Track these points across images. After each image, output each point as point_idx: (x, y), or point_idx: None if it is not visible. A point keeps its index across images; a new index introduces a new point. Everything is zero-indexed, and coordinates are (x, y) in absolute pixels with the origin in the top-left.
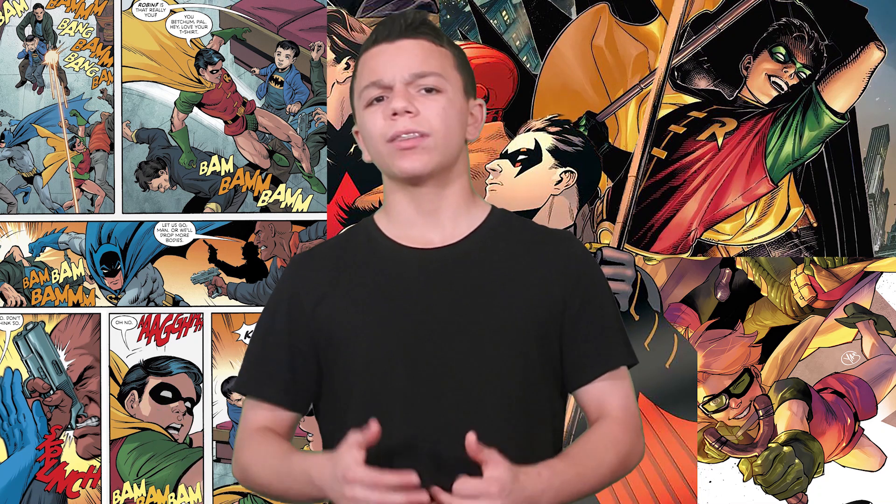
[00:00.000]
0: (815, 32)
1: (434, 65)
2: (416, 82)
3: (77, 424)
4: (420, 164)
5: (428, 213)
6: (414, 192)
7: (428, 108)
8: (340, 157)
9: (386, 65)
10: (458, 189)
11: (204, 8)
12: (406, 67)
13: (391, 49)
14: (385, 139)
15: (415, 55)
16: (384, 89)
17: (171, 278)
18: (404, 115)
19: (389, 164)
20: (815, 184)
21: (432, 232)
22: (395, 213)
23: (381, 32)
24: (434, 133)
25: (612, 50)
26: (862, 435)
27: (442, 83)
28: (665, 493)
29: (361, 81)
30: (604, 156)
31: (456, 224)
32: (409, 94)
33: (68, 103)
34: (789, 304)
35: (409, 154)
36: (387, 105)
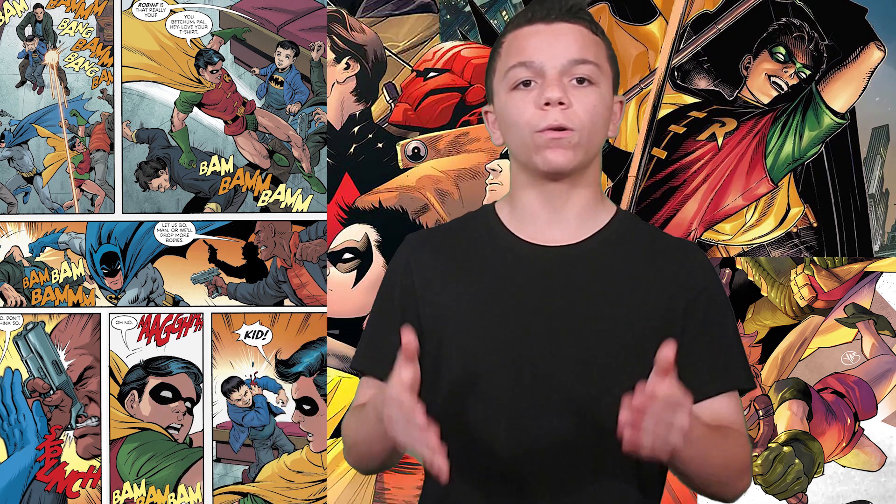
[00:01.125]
0: (815, 32)
1: (591, 54)
2: (571, 70)
3: (77, 424)
4: (564, 159)
5: (555, 209)
6: (545, 187)
7: (580, 102)
8: (340, 157)
9: (541, 46)
10: (589, 188)
11: (204, 8)
12: (564, 53)
13: (548, 31)
14: (534, 130)
15: (573, 40)
16: (536, 73)
17: (171, 278)
18: (556, 106)
19: (533, 155)
20: (815, 184)
21: (556, 230)
22: (519, 206)
23: (537, 11)
24: (581, 129)
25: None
26: (862, 435)
27: (597, 75)
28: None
29: (509, 60)
30: (604, 156)
31: (581, 224)
32: (563, 84)
33: (68, 103)
34: (789, 304)
35: (553, 148)
36: (538, 92)
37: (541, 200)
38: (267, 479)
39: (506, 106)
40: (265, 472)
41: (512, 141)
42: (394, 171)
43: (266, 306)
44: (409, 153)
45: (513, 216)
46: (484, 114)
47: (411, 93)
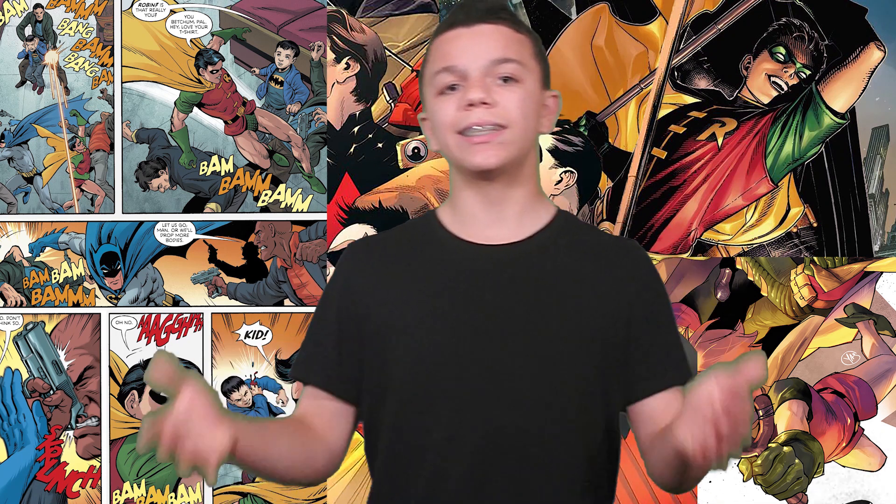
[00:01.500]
0: (815, 32)
1: (513, 52)
2: (494, 70)
3: (77, 424)
4: (495, 158)
5: (494, 209)
6: (482, 188)
7: (506, 99)
8: (340, 157)
9: (462, 50)
10: (527, 186)
11: (204, 8)
12: (484, 54)
13: (468, 33)
14: (455, 130)
15: (494, 41)
16: (459, 77)
17: (171, 278)
18: (480, 106)
19: (459, 158)
20: (815, 184)
21: (496, 229)
22: (459, 208)
23: (457, 16)
24: (511, 125)
25: (612, 50)
26: (862, 435)
27: (521, 72)
28: (665, 494)
29: (433, 66)
30: (604, 156)
31: (521, 223)
32: (486, 84)
33: (68, 103)
34: (789, 304)
35: (482, 148)
36: (462, 94)
37: (479, 200)
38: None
39: (433, 111)
40: None
41: (443, 145)
42: (394, 171)
43: (266, 306)
44: (409, 153)
45: (454, 218)
46: (420, 121)
47: (411, 93)
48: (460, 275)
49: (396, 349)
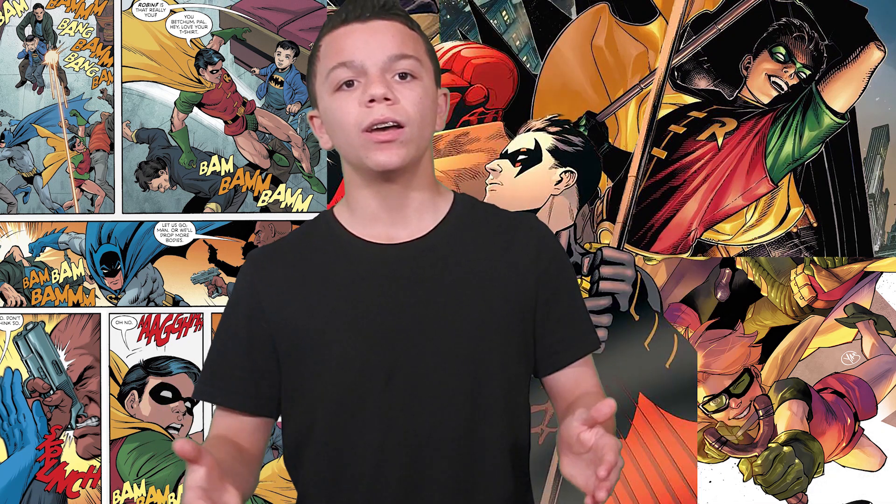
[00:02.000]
0: (815, 32)
1: (410, 48)
2: (392, 66)
3: (77, 424)
4: (398, 158)
5: (394, 208)
6: (380, 188)
7: (405, 97)
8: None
9: (358, 45)
10: (424, 182)
11: (204, 8)
12: (382, 49)
13: (364, 29)
14: (360, 128)
15: (391, 36)
16: (357, 72)
17: (171, 278)
18: (382, 102)
19: (362, 157)
20: (815, 184)
21: (398, 227)
22: (358, 209)
23: (350, 11)
24: (410, 123)
25: (612, 50)
26: (862, 435)
27: (418, 69)
28: (665, 493)
29: (327, 62)
30: (604, 156)
31: (421, 218)
32: (386, 80)
33: (68, 103)
34: (789, 304)
35: (385, 147)
36: (362, 91)
37: (378, 201)
38: (267, 479)
39: (330, 108)
40: (265, 472)
41: (340, 143)
42: None
43: None
44: None
45: (353, 219)
46: (309, 119)
47: None
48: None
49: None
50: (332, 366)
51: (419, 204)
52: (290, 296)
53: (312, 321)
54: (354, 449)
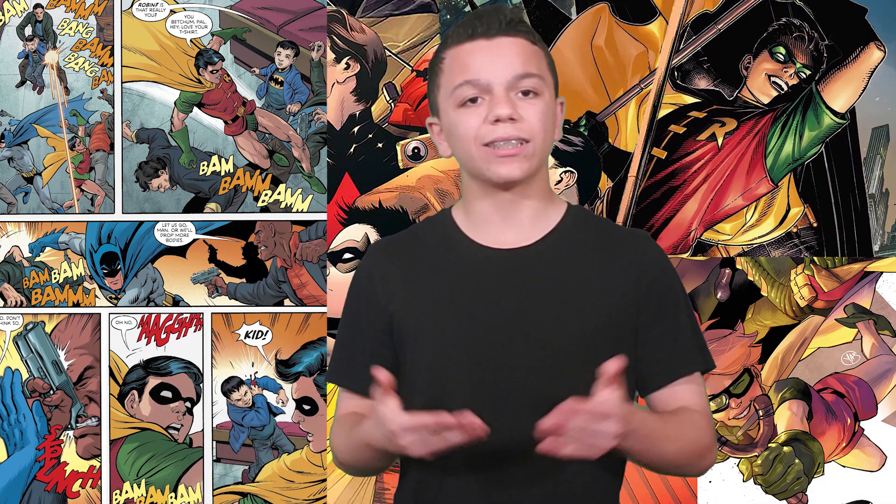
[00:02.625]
0: (815, 32)
1: (534, 66)
2: (516, 85)
3: (77, 424)
4: (519, 171)
5: (508, 215)
6: (496, 196)
7: (529, 114)
8: (340, 157)
9: (484, 63)
10: (539, 190)
11: (204, 8)
12: (508, 69)
13: (489, 46)
14: (482, 143)
15: (516, 55)
16: (482, 90)
17: (171, 278)
18: (507, 121)
19: (483, 169)
20: (815, 184)
21: (510, 233)
22: (474, 212)
23: (476, 27)
24: (534, 139)
25: (612, 50)
26: (862, 435)
27: (541, 86)
28: (665, 493)
29: (453, 77)
30: (604, 156)
31: (533, 225)
32: (511, 99)
33: (68, 103)
34: (789, 304)
35: (507, 161)
36: (487, 108)
37: (493, 207)
38: (267, 479)
39: (455, 123)
40: (265, 472)
41: (462, 155)
42: (394, 171)
43: (266, 306)
44: (409, 153)
45: (468, 221)
46: (429, 126)
47: (411, 93)
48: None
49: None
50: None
51: (532, 212)
52: (401, 287)
53: (415, 314)
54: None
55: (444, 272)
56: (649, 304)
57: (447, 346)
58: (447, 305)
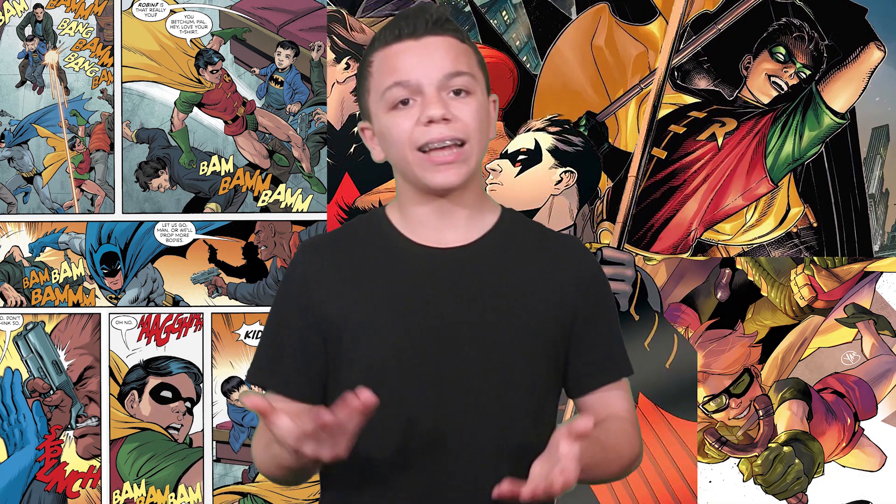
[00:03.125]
0: (815, 32)
1: (464, 64)
2: (447, 84)
3: (77, 424)
4: (456, 178)
5: (444, 217)
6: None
7: (462, 113)
8: (340, 157)
9: (414, 64)
10: (474, 190)
11: (204, 8)
12: (438, 68)
13: (418, 46)
14: (415, 147)
15: (445, 53)
16: (412, 91)
17: (171, 278)
18: (441, 122)
19: (419, 176)
20: (815, 184)
21: (447, 232)
22: (410, 214)
23: (403, 28)
24: (470, 139)
25: (612, 50)
26: (862, 435)
27: (472, 84)
28: (665, 493)
29: (383, 80)
30: (604, 156)
31: (470, 225)
32: (443, 99)
33: (68, 103)
34: (789, 304)
35: (444, 169)
36: (419, 110)
37: (429, 211)
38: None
39: (387, 127)
40: None
41: (396, 159)
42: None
43: (266, 306)
44: None
45: (404, 220)
46: (360, 130)
47: None
48: (413, 278)
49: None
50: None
51: (469, 210)
52: (336, 287)
53: (352, 313)
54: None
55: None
56: (584, 309)
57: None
58: (385, 304)
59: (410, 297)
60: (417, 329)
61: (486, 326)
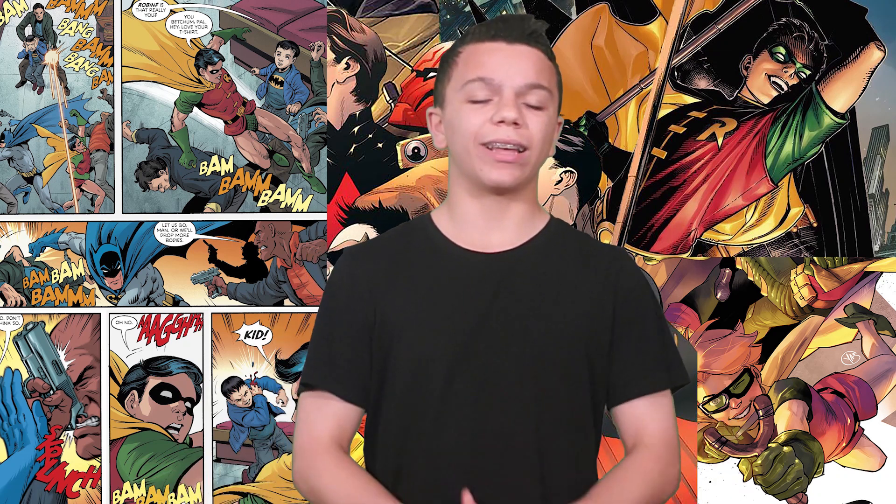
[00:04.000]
0: (815, 32)
1: (546, 79)
2: (526, 93)
3: (77, 424)
4: (511, 178)
5: (494, 219)
6: (484, 199)
7: (532, 123)
8: (340, 157)
9: (500, 65)
10: (526, 199)
11: (204, 8)
12: (522, 75)
13: (509, 50)
14: (480, 141)
15: (532, 64)
16: (493, 90)
17: (171, 278)
18: (511, 125)
19: (476, 169)
20: (815, 184)
21: (493, 236)
22: (458, 214)
23: (500, 29)
24: (532, 149)
25: (612, 50)
26: (862, 435)
27: (548, 100)
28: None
29: (468, 73)
30: (604, 156)
31: (518, 231)
32: (519, 106)
33: (68, 103)
34: (789, 304)
35: (503, 167)
36: (493, 109)
37: (479, 210)
38: (267, 479)
39: (458, 116)
40: (265, 472)
41: (458, 150)
42: (394, 171)
43: (266, 306)
44: (409, 153)
45: (452, 224)
46: (428, 115)
47: (411, 93)
48: (454, 281)
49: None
50: (405, 363)
51: (518, 217)
52: (381, 290)
53: (396, 317)
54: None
55: (427, 275)
56: (623, 316)
57: (429, 348)
58: (430, 307)
59: (453, 299)
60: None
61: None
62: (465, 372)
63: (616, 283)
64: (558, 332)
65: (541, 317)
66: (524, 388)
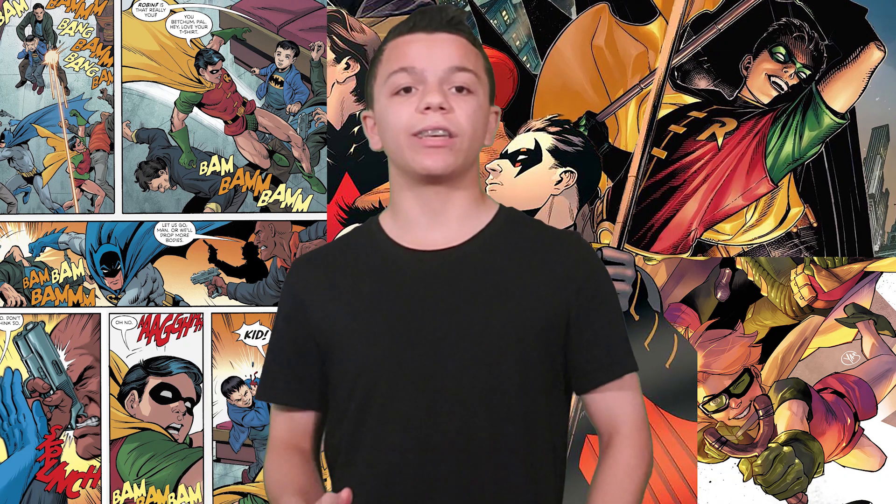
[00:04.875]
0: (815, 32)
1: (470, 63)
2: (451, 78)
3: (77, 424)
4: (443, 164)
5: (434, 213)
6: (422, 191)
7: (460, 108)
8: (340, 157)
9: (421, 53)
10: (467, 192)
11: (204, 8)
12: (444, 60)
13: (429, 39)
14: (410, 132)
15: (454, 49)
16: (416, 79)
17: (171, 278)
18: (437, 111)
19: (408, 159)
20: (815, 184)
21: (436, 233)
22: (399, 213)
23: (419, 21)
24: (462, 134)
25: (612, 50)
26: (862, 435)
27: (475, 84)
28: (665, 493)
29: (389, 66)
30: (604, 156)
31: (461, 226)
32: (444, 91)
33: (68, 103)
34: (789, 304)
35: (433, 152)
36: (419, 97)
37: (419, 204)
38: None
39: (386, 110)
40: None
41: (390, 145)
42: None
43: (266, 306)
44: None
45: (394, 224)
46: (362, 119)
47: None
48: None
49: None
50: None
51: (459, 212)
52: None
53: (343, 323)
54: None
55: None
56: (581, 304)
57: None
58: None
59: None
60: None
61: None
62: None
63: (572, 271)
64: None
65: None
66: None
